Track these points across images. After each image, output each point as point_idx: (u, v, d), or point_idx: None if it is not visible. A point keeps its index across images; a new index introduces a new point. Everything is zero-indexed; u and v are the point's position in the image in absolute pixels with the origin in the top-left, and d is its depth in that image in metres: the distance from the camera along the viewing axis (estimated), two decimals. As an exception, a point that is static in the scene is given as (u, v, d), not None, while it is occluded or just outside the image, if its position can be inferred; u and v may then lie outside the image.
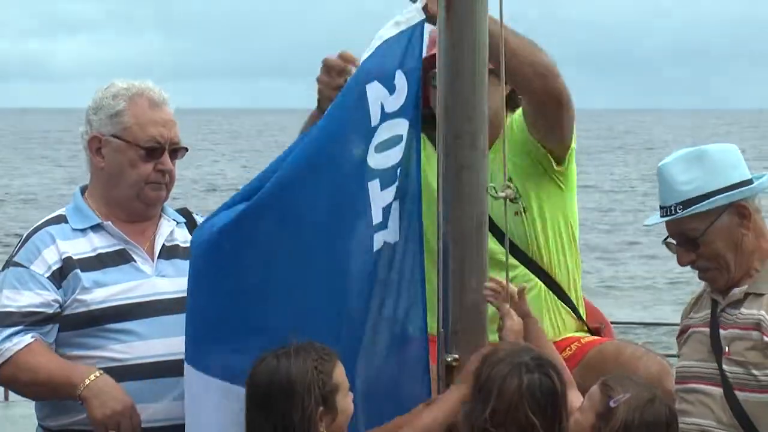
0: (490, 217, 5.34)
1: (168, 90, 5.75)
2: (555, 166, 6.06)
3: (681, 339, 5.41)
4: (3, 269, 5.51)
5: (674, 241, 5.27)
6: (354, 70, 5.67)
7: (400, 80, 5.47)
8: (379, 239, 5.51)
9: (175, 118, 5.71)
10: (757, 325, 5.08)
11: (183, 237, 5.75)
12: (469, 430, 4.73)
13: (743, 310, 5.18)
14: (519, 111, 6.16)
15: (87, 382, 5.29)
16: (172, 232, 5.74)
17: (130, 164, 5.53)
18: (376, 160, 5.40)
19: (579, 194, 6.30)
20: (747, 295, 5.17)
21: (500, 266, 5.50)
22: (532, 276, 6.07)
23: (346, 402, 4.83)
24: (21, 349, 5.38)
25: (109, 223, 5.54)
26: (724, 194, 5.23)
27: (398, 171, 5.62)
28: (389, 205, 5.58)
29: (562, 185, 6.16)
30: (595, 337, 6.23)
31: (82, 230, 5.56)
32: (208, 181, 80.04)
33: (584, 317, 6.39)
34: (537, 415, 4.63)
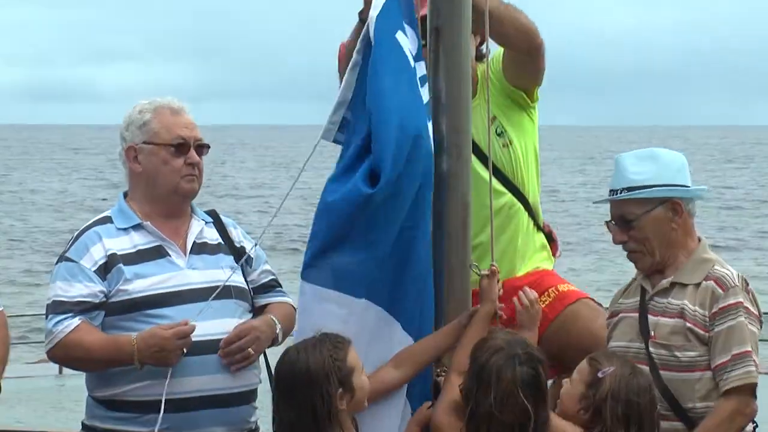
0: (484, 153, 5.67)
1: (198, 109, 5.73)
2: (530, 102, 6.32)
3: (611, 322, 5.52)
4: (56, 263, 5.69)
5: (614, 222, 5.40)
6: None
7: (409, 31, 5.56)
8: None
9: (195, 121, 5.94)
10: (681, 313, 5.23)
11: (211, 235, 5.88)
12: (472, 411, 4.80)
13: (671, 299, 5.30)
14: (494, 57, 6.35)
15: (133, 340, 5.48)
16: (201, 231, 5.84)
17: (163, 162, 5.68)
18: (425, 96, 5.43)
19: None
20: (673, 285, 5.30)
21: (494, 193, 5.83)
22: (516, 201, 6.28)
23: (361, 380, 4.91)
24: (71, 331, 5.50)
25: (148, 223, 5.69)
26: (664, 188, 5.37)
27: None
28: None
29: (532, 118, 6.43)
30: (569, 288, 6.46)
31: (125, 229, 5.71)
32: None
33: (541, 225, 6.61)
34: (529, 400, 4.69)
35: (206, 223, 5.88)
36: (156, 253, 5.69)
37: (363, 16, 5.42)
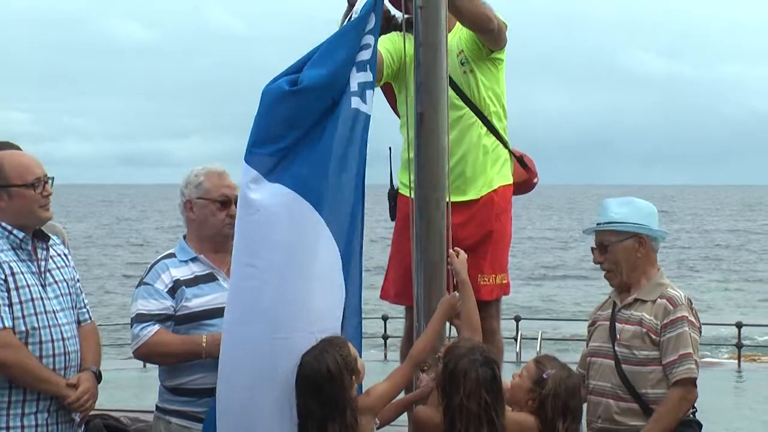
0: (452, 78, 5.65)
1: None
2: (489, 53, 6.23)
3: (591, 329, 5.74)
4: (137, 287, 5.86)
5: (595, 247, 5.68)
6: None
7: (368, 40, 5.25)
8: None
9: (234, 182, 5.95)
10: (640, 322, 5.50)
11: None
12: (447, 405, 4.79)
13: (633, 311, 5.54)
14: None
15: (204, 339, 5.58)
16: None
17: (211, 214, 5.85)
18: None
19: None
20: (636, 300, 5.57)
21: (454, 108, 5.84)
22: (473, 115, 6.17)
23: (361, 363, 4.99)
24: (153, 335, 5.65)
25: (202, 255, 5.87)
26: (633, 227, 5.59)
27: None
28: None
29: (492, 67, 6.33)
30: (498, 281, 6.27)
31: (185, 261, 5.87)
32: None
33: (509, 146, 6.47)
34: (488, 394, 4.76)
35: None
36: (208, 278, 5.85)
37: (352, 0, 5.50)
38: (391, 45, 6.27)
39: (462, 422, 4.74)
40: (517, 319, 22.55)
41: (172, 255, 5.87)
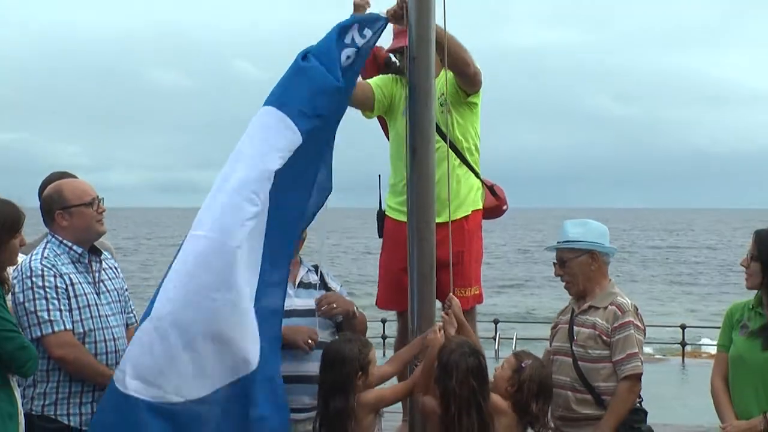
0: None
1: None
2: (465, 97, 6.14)
3: (554, 331, 5.75)
4: None
5: (556, 262, 5.72)
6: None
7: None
8: None
9: None
10: (594, 326, 5.53)
11: (312, 278, 5.86)
12: (442, 391, 4.89)
13: (587, 317, 5.57)
14: None
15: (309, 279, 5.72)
16: (306, 273, 5.86)
17: None
18: None
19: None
20: (590, 307, 5.58)
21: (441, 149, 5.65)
22: (445, 145, 5.77)
23: (374, 369, 5.14)
24: None
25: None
26: (588, 245, 5.62)
27: None
28: None
29: (468, 110, 6.22)
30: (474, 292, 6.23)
31: None
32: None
33: (480, 177, 6.37)
34: (476, 380, 4.86)
35: (308, 270, 5.89)
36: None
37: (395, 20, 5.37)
38: (383, 84, 6.23)
39: (455, 405, 4.81)
40: (496, 321, 22.55)
41: None
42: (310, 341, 5.51)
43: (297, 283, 5.74)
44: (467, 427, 4.79)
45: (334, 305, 5.61)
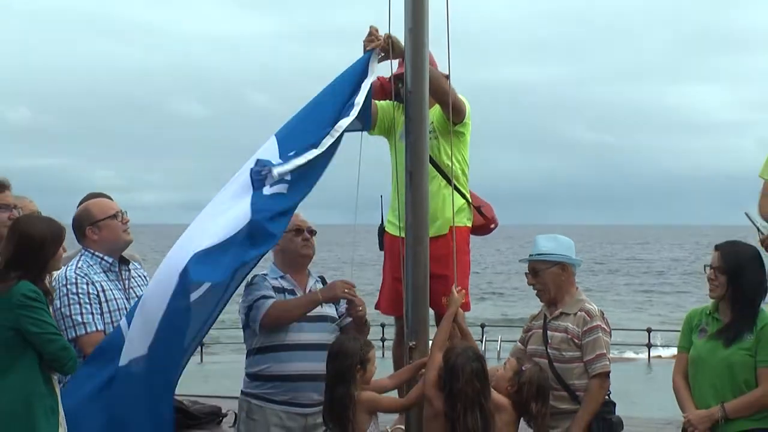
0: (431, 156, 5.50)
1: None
2: (452, 127, 5.96)
3: (527, 335, 5.69)
4: (245, 289, 5.62)
5: (529, 272, 5.65)
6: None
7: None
8: None
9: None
10: (566, 330, 5.49)
11: (317, 288, 5.80)
12: (449, 391, 4.83)
13: (559, 322, 5.52)
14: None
15: (318, 292, 5.64)
16: (315, 283, 5.84)
17: (290, 240, 5.64)
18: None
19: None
20: (561, 313, 5.54)
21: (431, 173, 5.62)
22: (436, 173, 5.96)
23: (372, 367, 5.14)
24: (271, 305, 5.51)
25: (287, 275, 5.74)
26: (558, 257, 5.57)
27: None
28: None
29: (458, 138, 6.17)
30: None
31: (276, 277, 5.71)
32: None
33: (470, 200, 6.34)
34: (479, 382, 4.84)
35: (315, 280, 5.88)
36: (290, 292, 5.70)
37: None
38: (386, 107, 6.19)
39: (461, 404, 4.77)
40: (483, 326, 22.57)
41: (265, 276, 5.70)
42: (346, 290, 5.56)
43: (307, 291, 5.72)
44: (472, 423, 4.77)
45: (360, 308, 5.59)
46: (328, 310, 5.72)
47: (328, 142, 5.03)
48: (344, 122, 5.09)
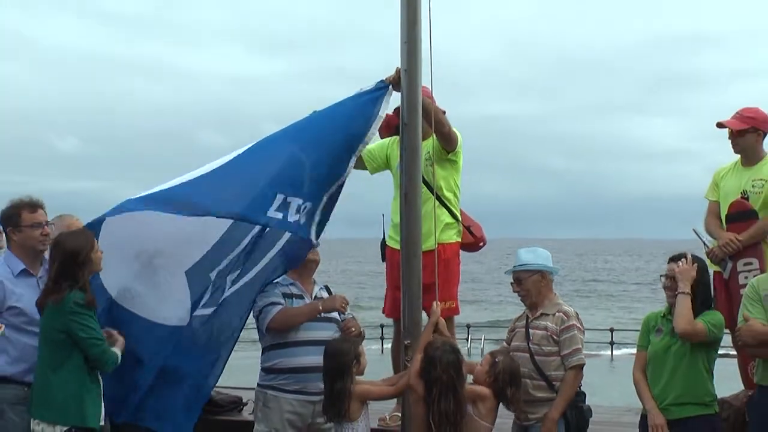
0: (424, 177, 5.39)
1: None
2: (446, 155, 6.08)
3: (511, 334, 5.62)
4: (258, 294, 5.55)
5: (513, 281, 5.61)
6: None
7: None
8: None
9: None
10: (545, 329, 5.43)
11: (322, 294, 5.79)
12: (427, 378, 4.84)
13: (539, 321, 5.46)
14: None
15: (320, 303, 5.60)
16: (320, 290, 5.80)
17: None
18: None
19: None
20: (542, 314, 5.48)
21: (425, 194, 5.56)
22: (431, 195, 5.85)
23: (364, 359, 5.18)
24: (279, 310, 5.51)
25: (297, 282, 5.70)
26: (538, 266, 5.52)
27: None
28: None
29: (449, 164, 6.15)
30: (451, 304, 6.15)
31: (287, 284, 5.65)
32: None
33: (460, 218, 6.29)
34: (454, 372, 4.83)
35: (320, 288, 5.85)
36: (299, 297, 5.68)
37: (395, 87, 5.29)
38: (376, 148, 6.21)
39: (437, 389, 4.77)
40: (468, 326, 22.57)
41: (276, 282, 5.63)
42: (344, 304, 5.59)
43: (313, 297, 5.72)
44: (444, 407, 4.76)
45: (353, 329, 5.55)
46: (332, 313, 5.68)
47: (348, 168, 5.21)
48: (359, 151, 5.23)
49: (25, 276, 5.12)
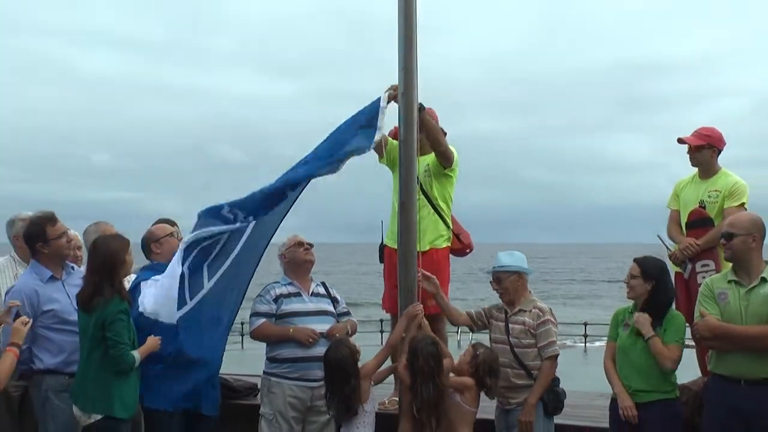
0: (418, 179, 5.34)
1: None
2: (443, 170, 6.10)
3: (489, 322, 5.59)
4: (255, 298, 5.67)
5: (492, 280, 5.58)
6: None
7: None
8: None
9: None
10: (523, 323, 5.44)
11: (321, 291, 5.81)
12: (410, 368, 4.91)
13: (517, 317, 5.46)
14: None
15: (291, 329, 5.51)
16: (317, 287, 5.80)
17: (294, 252, 5.74)
18: None
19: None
20: (519, 310, 5.48)
21: (422, 202, 5.72)
22: (427, 203, 5.99)
23: (358, 348, 5.15)
24: (260, 324, 5.59)
25: (294, 282, 5.71)
26: (515, 268, 5.51)
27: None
28: None
29: (444, 179, 6.16)
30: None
31: (284, 284, 5.69)
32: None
33: (450, 226, 6.24)
34: (433, 361, 4.88)
35: (317, 284, 5.84)
36: (296, 295, 5.68)
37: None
38: (396, 145, 6.01)
39: (419, 378, 4.83)
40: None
41: (276, 283, 5.72)
42: (310, 340, 5.46)
43: (310, 293, 5.72)
44: (426, 393, 4.80)
45: (337, 334, 5.48)
46: (327, 306, 5.71)
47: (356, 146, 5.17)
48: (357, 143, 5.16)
49: (53, 281, 5.17)
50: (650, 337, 4.99)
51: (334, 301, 5.77)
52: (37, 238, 5.18)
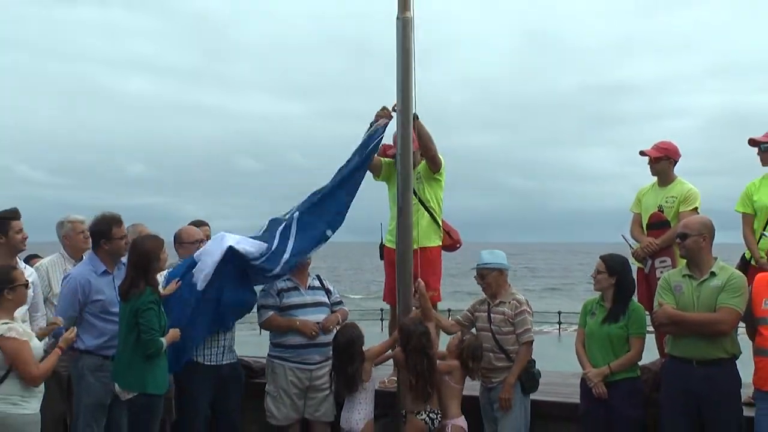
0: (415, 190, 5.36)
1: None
2: (432, 174, 5.94)
3: (474, 314, 5.53)
4: (260, 292, 5.58)
5: (477, 276, 5.52)
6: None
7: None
8: None
9: None
10: (503, 313, 5.40)
11: (317, 283, 5.71)
12: (404, 346, 4.94)
13: (498, 308, 5.41)
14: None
15: (297, 323, 5.44)
16: (313, 280, 5.70)
17: None
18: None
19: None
20: (500, 302, 5.43)
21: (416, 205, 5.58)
22: (421, 206, 5.83)
23: (362, 333, 5.25)
24: (269, 317, 5.51)
25: (293, 277, 5.57)
26: (497, 264, 5.45)
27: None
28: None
29: (434, 182, 6.00)
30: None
31: (285, 280, 5.55)
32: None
33: (441, 226, 6.08)
34: (424, 340, 4.92)
35: (312, 278, 5.73)
36: (294, 289, 5.58)
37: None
38: (388, 163, 6.04)
39: (412, 356, 4.86)
40: (449, 311, 22.52)
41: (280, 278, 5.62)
42: (313, 333, 5.42)
43: (307, 287, 5.65)
44: (419, 367, 4.87)
45: (330, 327, 5.45)
46: (322, 298, 5.64)
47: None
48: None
49: (105, 275, 5.14)
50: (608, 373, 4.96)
51: (328, 292, 5.70)
52: (103, 235, 5.12)
